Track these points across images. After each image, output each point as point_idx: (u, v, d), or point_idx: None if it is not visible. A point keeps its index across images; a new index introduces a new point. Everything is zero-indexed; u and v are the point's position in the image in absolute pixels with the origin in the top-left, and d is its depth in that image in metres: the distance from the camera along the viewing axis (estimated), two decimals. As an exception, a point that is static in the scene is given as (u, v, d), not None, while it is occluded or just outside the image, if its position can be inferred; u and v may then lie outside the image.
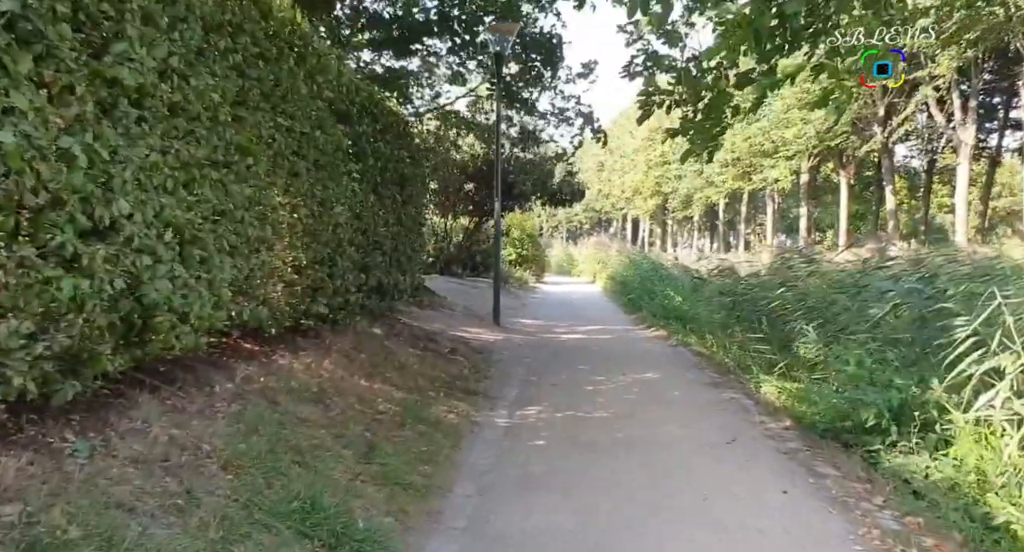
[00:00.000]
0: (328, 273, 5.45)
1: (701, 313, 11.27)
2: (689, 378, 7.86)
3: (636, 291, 17.66)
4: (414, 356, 6.98)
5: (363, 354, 5.98)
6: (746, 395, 6.92)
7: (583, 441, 5.07)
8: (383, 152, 6.94)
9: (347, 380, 5.12)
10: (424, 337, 8.16)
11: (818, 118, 29.54)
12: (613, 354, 9.61)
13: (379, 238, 6.90)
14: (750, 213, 51.33)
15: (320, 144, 5.12)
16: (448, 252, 19.68)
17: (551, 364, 8.56)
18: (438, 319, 10.57)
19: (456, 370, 7.12)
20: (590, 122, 16.41)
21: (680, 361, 9.16)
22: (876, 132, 31.57)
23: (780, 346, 7.96)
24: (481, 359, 8.32)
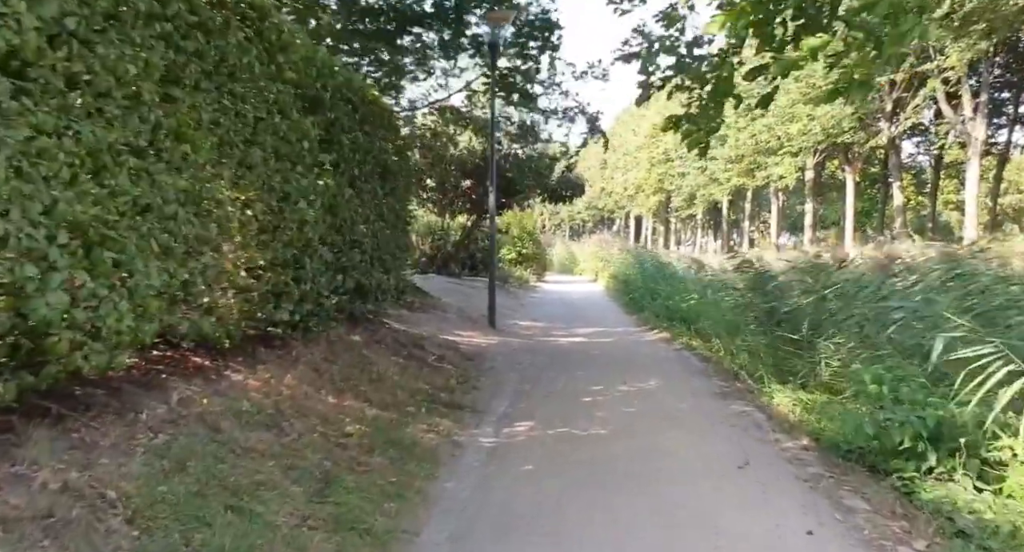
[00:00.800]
0: (294, 276, 4.89)
1: (709, 314, 10.68)
2: (695, 387, 7.29)
3: (638, 291, 17.09)
4: (395, 365, 6.41)
5: (335, 365, 5.41)
6: (758, 408, 6.34)
7: (578, 466, 4.50)
8: (362, 143, 6.37)
9: (312, 397, 4.55)
10: (410, 343, 7.60)
11: (824, 113, 28.91)
12: (613, 359, 9.04)
13: (357, 236, 6.34)
14: (754, 210, 50.68)
15: (282, 132, 4.55)
16: (446, 251, 19.11)
17: (547, 371, 7.99)
18: (429, 322, 10.00)
19: (441, 380, 6.56)
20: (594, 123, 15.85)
21: (685, 367, 8.59)
22: (883, 127, 30.93)
23: (795, 354, 7.37)
24: (471, 366, 7.75)
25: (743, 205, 49.90)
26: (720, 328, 9.82)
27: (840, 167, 39.68)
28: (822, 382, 6.70)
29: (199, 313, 3.75)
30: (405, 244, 8.14)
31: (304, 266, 5.01)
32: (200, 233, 3.59)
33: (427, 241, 19.36)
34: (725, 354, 9.03)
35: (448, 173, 18.45)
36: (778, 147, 34.39)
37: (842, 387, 6.24)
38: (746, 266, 9.69)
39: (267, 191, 4.34)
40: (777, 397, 6.62)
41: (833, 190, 46.17)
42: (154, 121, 3.11)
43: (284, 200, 4.67)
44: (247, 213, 4.10)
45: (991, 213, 34.50)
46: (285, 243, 4.63)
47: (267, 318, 4.62)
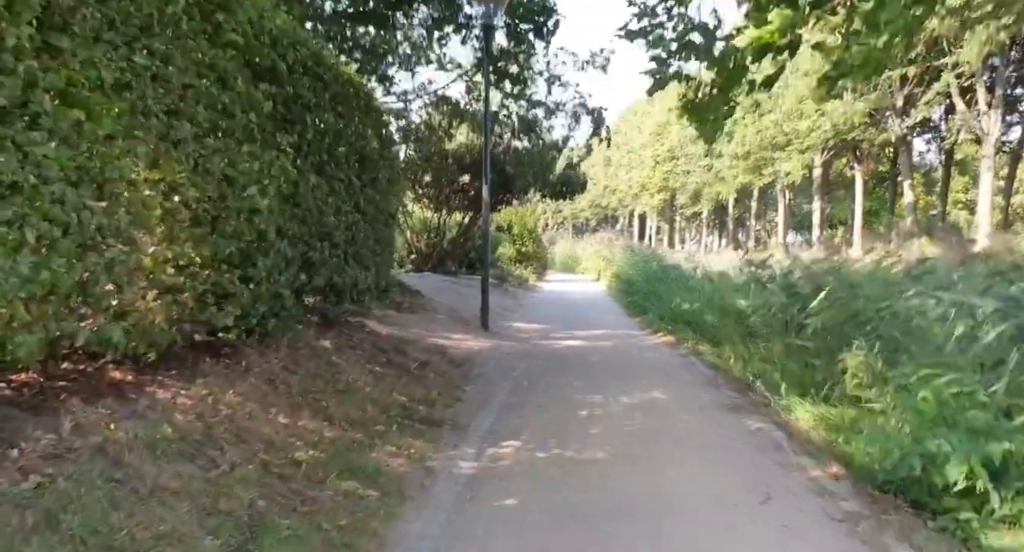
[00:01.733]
0: (242, 274, 4.20)
1: (718, 317, 9.97)
2: (704, 399, 6.59)
3: (641, 292, 16.38)
4: (369, 374, 5.73)
5: (295, 376, 4.73)
6: (775, 424, 5.65)
7: (569, 499, 3.81)
8: (332, 125, 5.68)
9: (257, 417, 3.87)
10: (391, 348, 6.92)
11: (834, 109, 28.15)
12: (615, 366, 8.34)
13: (328, 229, 5.65)
14: (760, 209, 49.90)
15: (221, 103, 3.87)
16: (442, 248, 18.42)
17: (541, 379, 7.30)
18: (416, 324, 9.32)
19: (421, 391, 5.87)
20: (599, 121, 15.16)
21: (692, 375, 7.89)
22: (894, 124, 30.15)
23: (814, 363, 6.67)
24: (458, 374, 7.07)
25: (749, 203, 49.14)
26: (730, 332, 9.11)
27: (849, 165, 38.93)
28: (847, 394, 6.00)
29: (106, 318, 3.07)
30: (389, 240, 7.45)
31: (255, 262, 4.33)
32: (103, 222, 2.91)
33: (422, 238, 18.68)
34: (735, 361, 8.33)
35: (445, 168, 17.75)
36: (785, 143, 33.64)
37: (875, 401, 5.55)
38: (761, 265, 8.97)
39: (202, 173, 3.66)
40: (796, 411, 5.93)
41: (841, 188, 45.37)
42: (23, 76, 2.42)
43: (228, 185, 3.99)
44: (174, 199, 3.42)
45: (1003, 212, 33.70)
46: (228, 235, 3.95)
47: (205, 322, 3.93)
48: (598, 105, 14.77)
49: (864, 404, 5.68)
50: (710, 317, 10.62)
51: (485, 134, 10.85)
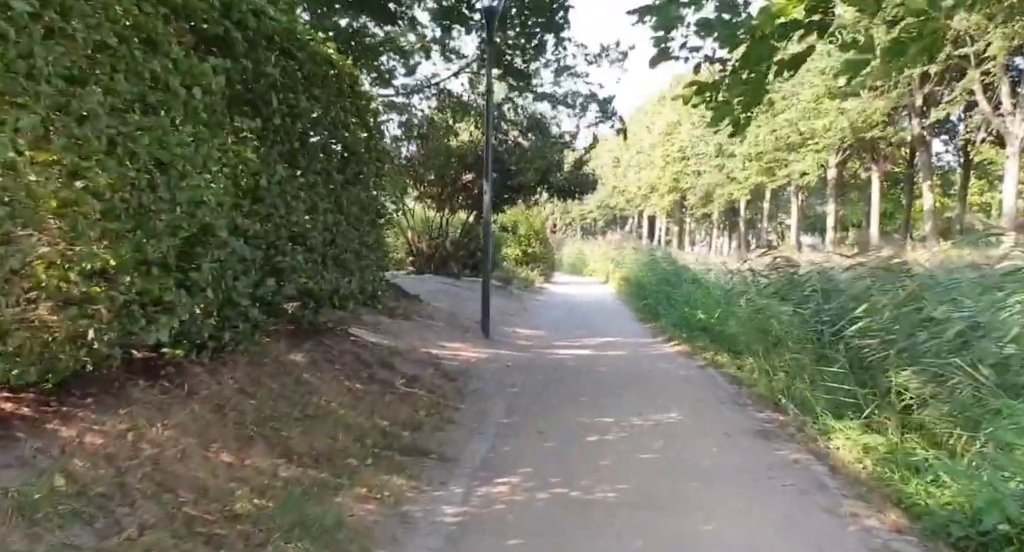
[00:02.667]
0: (180, 279, 3.49)
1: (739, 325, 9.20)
2: (728, 421, 5.84)
3: (653, 295, 15.62)
4: (347, 394, 5.01)
5: (251, 400, 4.02)
6: (814, 455, 4.89)
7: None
8: (307, 109, 4.97)
9: (192, 456, 3.16)
10: (377, 361, 6.20)
11: (853, 107, 27.27)
12: (626, 379, 7.60)
13: (300, 228, 4.94)
14: (772, 211, 48.93)
15: (153, 73, 3.16)
16: (444, 249, 17.70)
17: (544, 396, 6.57)
18: (410, 332, 8.61)
19: (407, 413, 5.15)
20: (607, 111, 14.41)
21: (712, 391, 7.14)
22: (913, 123, 29.25)
23: (858, 379, 5.89)
24: (452, 390, 6.34)
25: (761, 205, 48.19)
26: (754, 342, 8.34)
27: (864, 165, 38.00)
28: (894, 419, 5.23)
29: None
30: (377, 241, 6.74)
31: (199, 265, 3.62)
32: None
33: (424, 239, 17.97)
34: (760, 375, 7.57)
35: (448, 165, 17.05)
36: (800, 143, 32.75)
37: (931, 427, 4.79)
38: (784, 267, 8.20)
39: (120, 156, 2.95)
40: (835, 438, 5.17)
41: (855, 190, 44.36)
42: None
43: (162, 172, 3.28)
44: (75, 187, 2.71)
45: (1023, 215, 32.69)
46: (160, 232, 3.24)
47: (124, 339, 3.21)
48: (607, 95, 13.94)
49: (916, 431, 4.95)
50: (733, 324, 9.86)
51: (487, 126, 10.13)
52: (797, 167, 33.71)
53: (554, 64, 13.85)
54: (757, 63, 5.45)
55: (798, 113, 31.43)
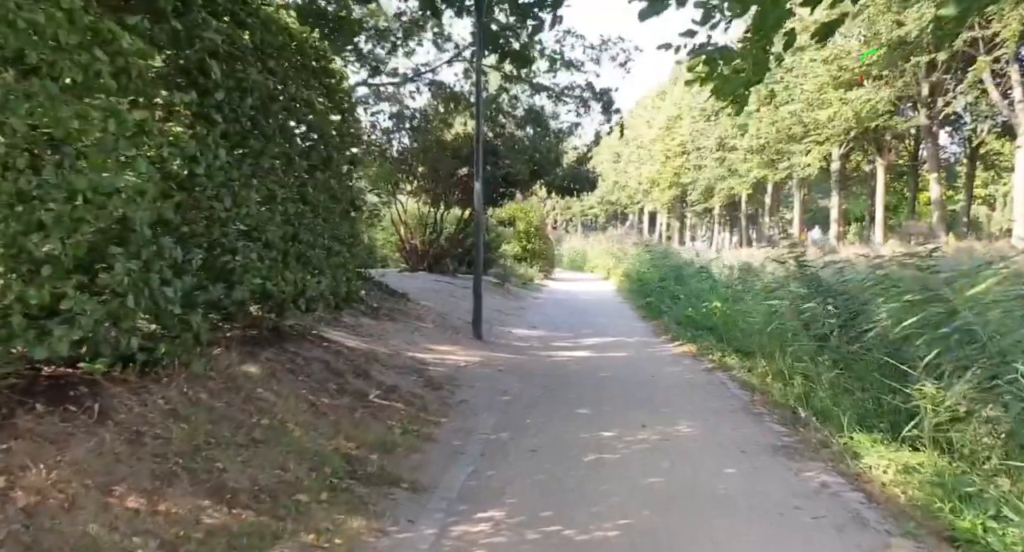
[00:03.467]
0: (81, 282, 2.86)
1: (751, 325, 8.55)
2: (744, 435, 5.20)
3: (655, 292, 14.99)
4: (308, 410, 4.37)
5: (183, 424, 3.38)
6: (844, 478, 4.25)
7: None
8: (261, 84, 4.33)
9: (84, 503, 2.52)
10: (351, 369, 5.56)
11: (858, 97, 26.57)
12: (628, 385, 6.97)
13: (253, 222, 4.30)
14: (773, 205, 48.20)
15: (34, 24, 2.52)
16: (438, 246, 17.05)
17: (538, 406, 5.94)
18: (394, 334, 7.98)
19: (379, 431, 4.51)
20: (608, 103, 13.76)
21: (723, 399, 6.50)
22: (920, 114, 28.54)
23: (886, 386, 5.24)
24: (435, 401, 5.71)
25: (762, 199, 47.47)
26: (766, 344, 7.71)
27: (868, 158, 37.28)
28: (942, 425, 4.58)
29: None
30: (353, 236, 6.10)
31: (111, 265, 2.98)
32: None
33: (417, 235, 17.33)
34: (773, 379, 6.94)
35: (442, 159, 16.40)
36: (803, 135, 32.05)
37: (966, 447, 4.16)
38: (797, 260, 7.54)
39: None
40: (868, 456, 4.54)
41: (856, 183, 43.63)
42: None
43: (54, 151, 2.64)
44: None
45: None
46: (50, 227, 2.60)
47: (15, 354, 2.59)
48: (608, 87, 13.27)
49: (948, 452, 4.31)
50: (742, 323, 9.22)
51: (477, 115, 9.49)
52: (800, 159, 33.03)
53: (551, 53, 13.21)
54: (775, 28, 4.81)
55: (801, 104, 30.73)
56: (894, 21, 24.18)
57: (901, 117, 28.99)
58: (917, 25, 23.19)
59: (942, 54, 24.98)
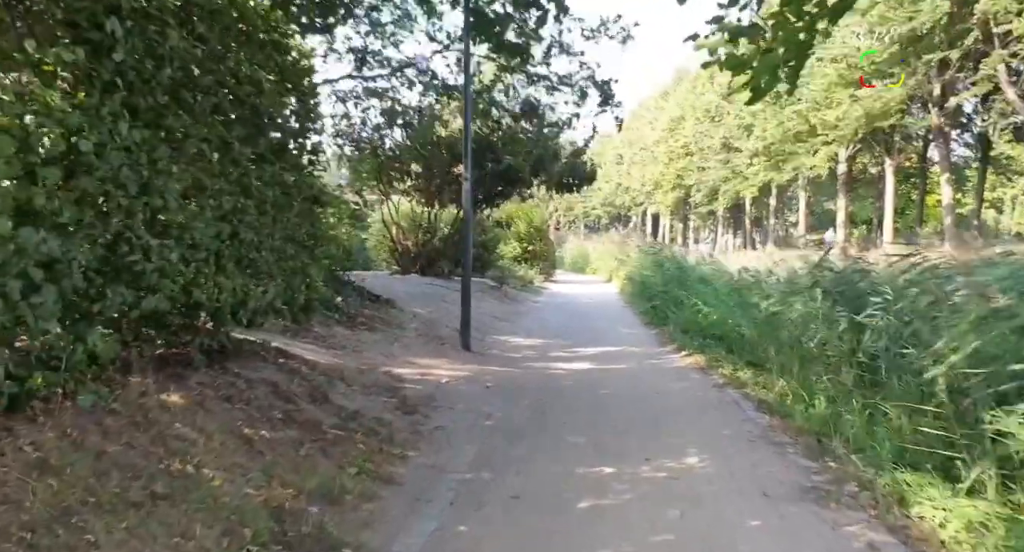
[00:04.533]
0: None
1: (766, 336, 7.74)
2: (764, 472, 4.41)
3: (659, 296, 14.18)
4: (240, 449, 3.58)
5: (52, 480, 2.59)
6: (894, 533, 3.46)
7: None
8: (183, 50, 3.55)
9: None
10: (307, 392, 4.78)
11: (868, 95, 25.72)
12: (632, 407, 6.17)
13: (172, 217, 3.52)
14: (779, 208, 47.37)
15: None
16: (432, 247, 16.27)
17: (527, 433, 5.15)
18: (371, 346, 7.20)
19: (324, 473, 3.72)
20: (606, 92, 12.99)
21: (737, 422, 5.71)
22: (932, 114, 27.69)
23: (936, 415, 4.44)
24: (405, 428, 4.92)
25: (767, 201, 46.64)
26: (786, 358, 6.91)
27: (876, 160, 36.44)
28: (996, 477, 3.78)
29: None
30: (314, 236, 5.32)
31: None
32: None
33: (410, 236, 16.55)
34: (795, 401, 6.14)
35: (437, 157, 15.66)
36: (809, 135, 31.22)
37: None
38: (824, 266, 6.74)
39: None
40: (919, 503, 3.74)
41: (863, 185, 42.78)
42: None
43: None
44: None
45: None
46: None
47: None
48: (607, 78, 12.49)
49: None
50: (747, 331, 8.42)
51: (466, 105, 8.71)
52: (806, 160, 32.22)
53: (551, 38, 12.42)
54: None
55: (808, 103, 29.91)
56: (906, 16, 23.38)
57: (913, 117, 28.14)
58: (930, 18, 22.40)
59: (955, 52, 24.16)
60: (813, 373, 6.48)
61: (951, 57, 24.84)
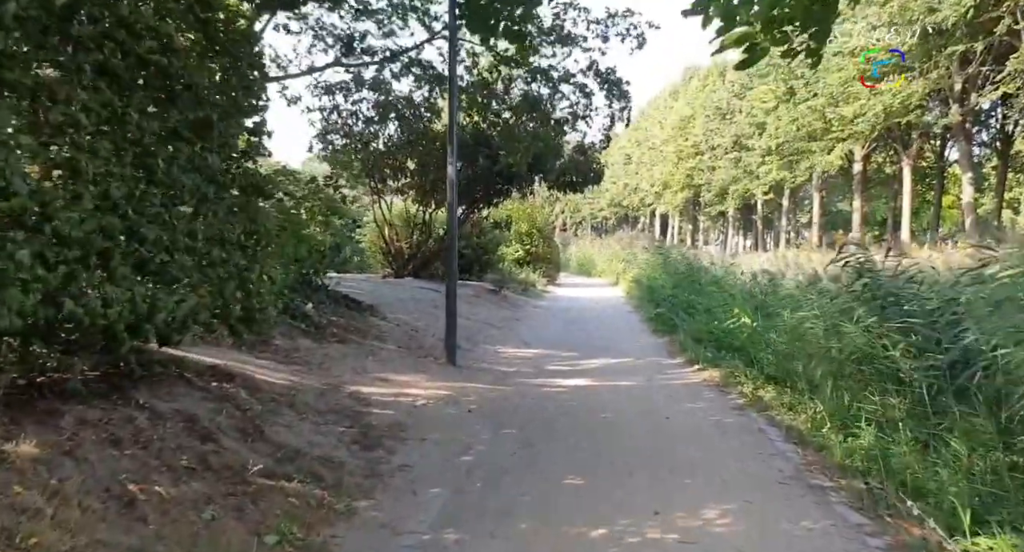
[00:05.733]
0: None
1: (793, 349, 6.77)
2: (808, 534, 3.47)
3: (667, 301, 13.23)
4: (106, 515, 2.68)
5: None
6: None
7: None
8: None
9: None
10: (235, 425, 3.88)
11: (888, 89, 24.67)
12: (637, 435, 5.24)
13: (21, 204, 2.64)
14: (791, 208, 46.22)
15: None
16: (427, 249, 15.39)
17: (511, 475, 4.22)
18: (340, 361, 6.30)
19: (231, 547, 2.82)
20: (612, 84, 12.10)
21: (765, 458, 4.77)
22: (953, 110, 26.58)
23: None
24: (360, 468, 4.01)
25: (779, 202, 45.55)
26: (817, 374, 5.95)
27: (892, 159, 35.33)
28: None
29: None
30: (255, 235, 4.43)
31: None
32: None
33: (404, 237, 15.68)
34: (832, 429, 5.19)
35: (432, 153, 14.77)
36: (825, 132, 30.16)
37: None
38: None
39: None
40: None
41: (876, 185, 41.64)
42: None
43: None
44: None
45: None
46: None
47: None
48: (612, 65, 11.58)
49: None
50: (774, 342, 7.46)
51: (451, 92, 7.82)
52: (820, 158, 31.17)
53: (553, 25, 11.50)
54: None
55: (824, 99, 28.88)
56: (928, 7, 22.34)
57: (934, 112, 27.07)
58: (954, 11, 21.37)
59: (979, 44, 23.10)
60: (850, 392, 5.55)
61: (975, 49, 23.79)
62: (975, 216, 27.90)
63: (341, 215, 8.69)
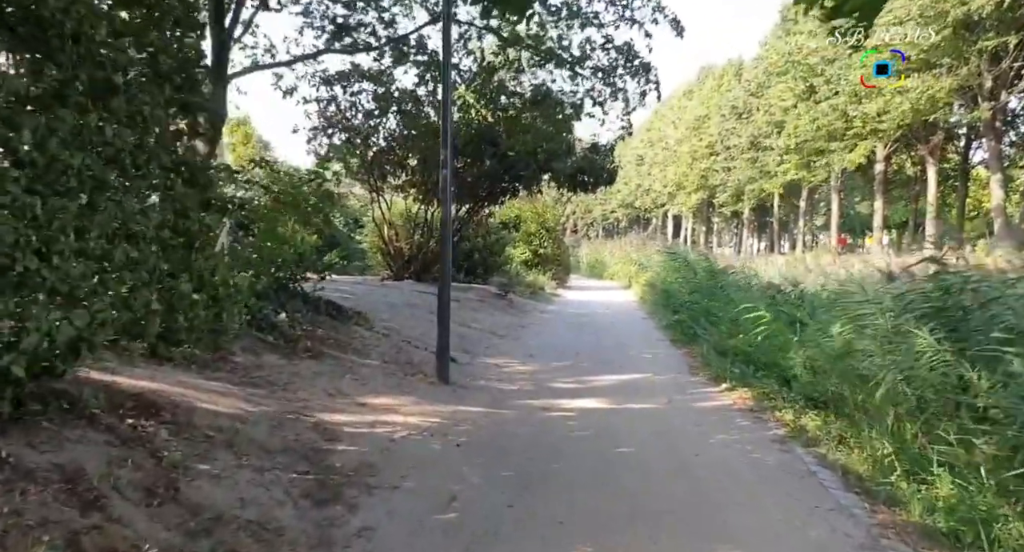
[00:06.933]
0: None
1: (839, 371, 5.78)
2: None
3: (686, 308, 12.24)
4: None
5: None
6: None
7: None
8: None
9: None
10: (138, 482, 2.97)
11: (916, 86, 23.53)
12: (660, 483, 4.28)
13: None
14: (807, 209, 44.96)
15: None
16: (429, 250, 14.48)
17: (502, 542, 3.30)
18: (310, 381, 5.39)
19: None
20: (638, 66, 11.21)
21: (823, 515, 3.79)
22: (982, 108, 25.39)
23: None
24: (305, 535, 3.08)
25: (796, 203, 44.34)
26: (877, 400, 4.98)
27: (914, 158, 34.08)
28: None
29: None
30: (185, 232, 3.52)
31: None
32: None
33: (404, 237, 14.80)
34: (902, 475, 4.22)
35: (435, 148, 13.82)
36: (845, 130, 29.02)
37: None
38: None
39: None
40: None
41: (897, 187, 40.36)
42: None
43: None
44: None
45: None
46: None
47: None
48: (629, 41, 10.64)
49: None
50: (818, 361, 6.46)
51: (444, 78, 6.91)
52: (841, 156, 30.03)
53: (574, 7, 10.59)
54: None
55: (846, 96, 27.76)
56: (959, 0, 21.24)
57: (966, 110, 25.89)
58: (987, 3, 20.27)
59: (1012, 37, 21.95)
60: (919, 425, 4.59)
61: (1007, 45, 22.64)
62: (1004, 218, 26.68)
63: (326, 212, 7.80)
